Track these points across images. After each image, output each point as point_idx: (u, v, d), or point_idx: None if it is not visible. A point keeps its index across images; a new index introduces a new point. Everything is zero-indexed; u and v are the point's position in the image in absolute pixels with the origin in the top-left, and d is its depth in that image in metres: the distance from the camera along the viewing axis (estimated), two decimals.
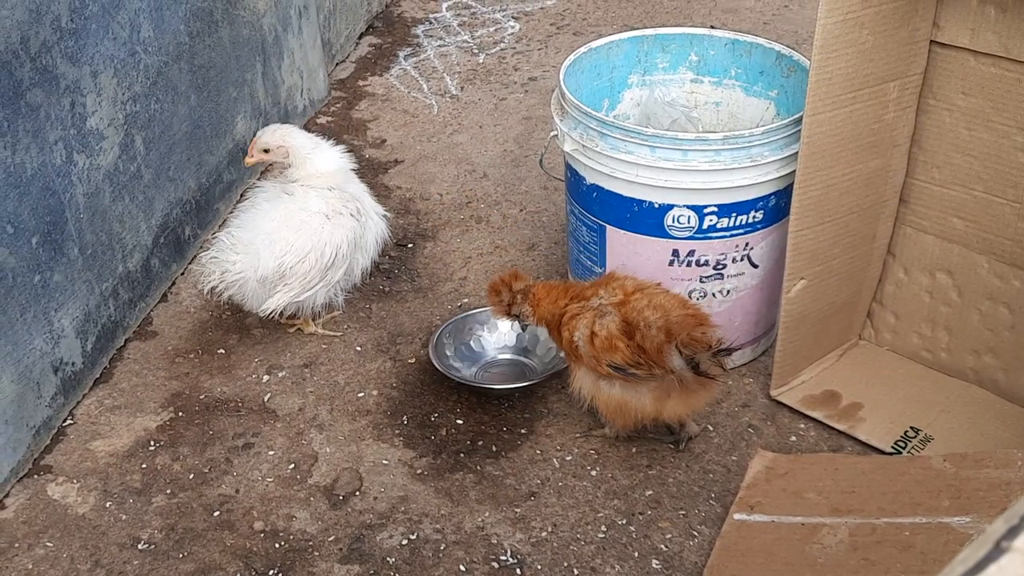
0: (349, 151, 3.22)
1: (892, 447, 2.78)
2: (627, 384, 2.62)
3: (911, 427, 2.83)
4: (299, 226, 3.00)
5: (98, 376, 3.11)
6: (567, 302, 2.72)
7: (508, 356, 3.19)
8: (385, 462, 2.84)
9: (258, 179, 3.36)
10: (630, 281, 2.71)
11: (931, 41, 2.69)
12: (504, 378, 3.12)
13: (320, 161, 3.12)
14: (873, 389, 2.97)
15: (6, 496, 2.74)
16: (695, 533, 2.61)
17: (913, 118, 2.79)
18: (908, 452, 2.76)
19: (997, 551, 0.79)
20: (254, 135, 3.80)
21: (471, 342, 3.19)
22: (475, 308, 3.25)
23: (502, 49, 5.02)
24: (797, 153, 2.67)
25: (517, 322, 2.94)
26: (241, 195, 3.22)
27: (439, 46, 5.07)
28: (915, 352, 3.05)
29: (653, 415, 2.67)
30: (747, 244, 2.88)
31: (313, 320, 3.26)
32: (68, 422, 2.96)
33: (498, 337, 3.20)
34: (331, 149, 3.18)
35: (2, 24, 2.54)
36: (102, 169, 3.01)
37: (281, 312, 3.08)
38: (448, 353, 3.11)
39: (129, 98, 3.10)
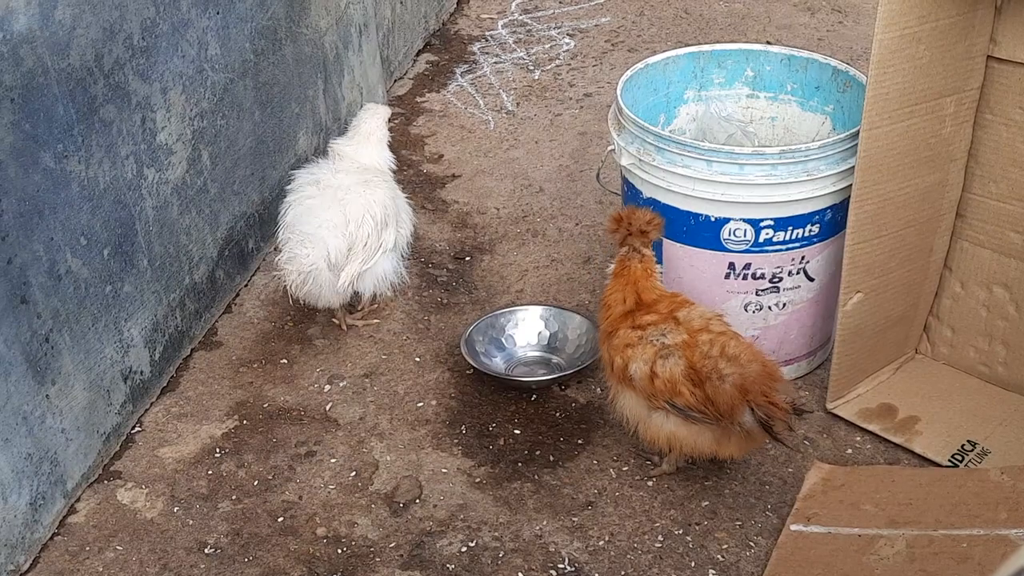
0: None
1: (949, 460, 2.78)
2: (685, 422, 2.58)
3: (968, 440, 2.83)
4: (344, 199, 3.19)
5: (165, 384, 3.18)
6: (620, 319, 2.68)
7: (537, 354, 3.31)
8: (444, 471, 2.89)
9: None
10: (695, 313, 2.62)
11: (988, 56, 2.70)
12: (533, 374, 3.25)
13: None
14: (930, 402, 2.97)
15: (77, 500, 2.82)
16: (751, 544, 2.63)
17: (970, 132, 2.80)
18: (965, 465, 2.76)
19: None
20: (315, 151, 3.90)
21: (502, 339, 3.32)
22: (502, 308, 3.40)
23: (557, 66, 5.07)
24: (853, 167, 2.69)
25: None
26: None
27: (495, 63, 5.13)
28: (972, 366, 3.05)
29: (708, 455, 2.64)
30: (803, 257, 2.90)
31: (351, 312, 3.43)
32: (136, 429, 3.04)
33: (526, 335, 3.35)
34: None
35: (77, 42, 2.63)
36: (171, 183, 3.09)
37: (351, 302, 3.32)
38: (479, 350, 3.25)
39: (197, 114, 3.19)
